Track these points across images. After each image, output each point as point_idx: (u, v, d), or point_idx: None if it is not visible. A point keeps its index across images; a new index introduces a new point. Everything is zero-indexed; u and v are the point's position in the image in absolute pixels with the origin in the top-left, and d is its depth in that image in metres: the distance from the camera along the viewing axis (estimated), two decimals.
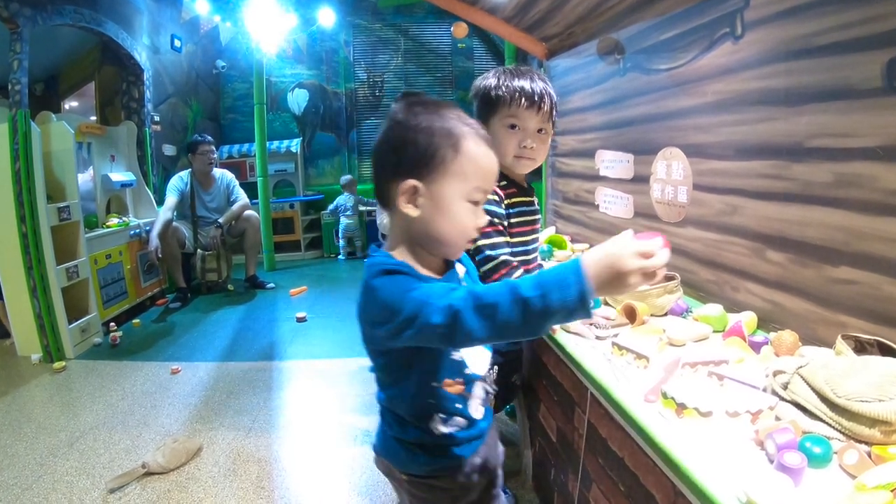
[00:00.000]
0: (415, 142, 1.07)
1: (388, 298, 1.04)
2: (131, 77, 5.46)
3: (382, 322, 1.04)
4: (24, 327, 3.76)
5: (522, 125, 1.74)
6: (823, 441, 0.98)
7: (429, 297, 1.00)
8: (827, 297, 1.47)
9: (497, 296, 0.95)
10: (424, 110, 1.10)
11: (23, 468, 2.49)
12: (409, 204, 1.09)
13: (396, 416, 1.23)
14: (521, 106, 1.71)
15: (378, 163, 1.14)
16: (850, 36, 1.35)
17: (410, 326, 1.00)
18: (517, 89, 1.71)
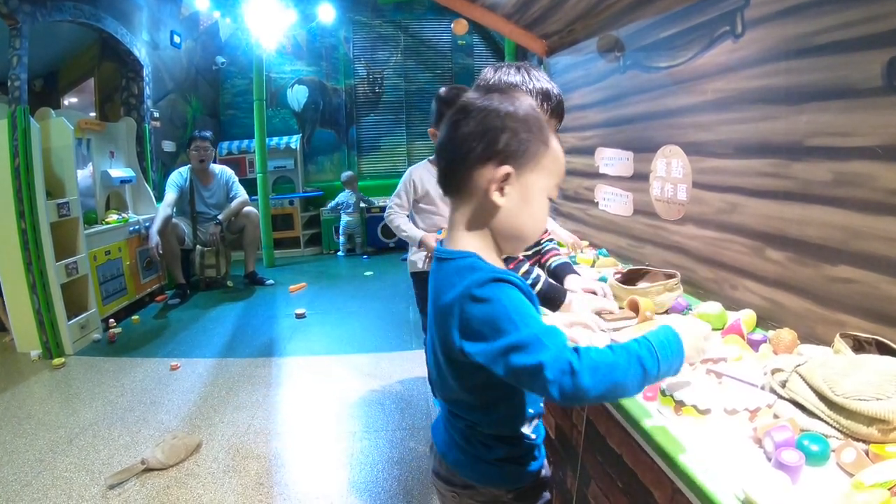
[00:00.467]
0: (513, 130, 1.01)
1: (498, 314, 0.94)
2: (131, 73, 5.45)
3: (482, 339, 0.94)
4: (24, 324, 3.76)
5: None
6: (821, 439, 0.99)
7: (546, 335, 0.92)
8: (826, 295, 1.48)
9: (614, 358, 0.92)
10: (507, 99, 1.04)
11: (22, 464, 2.49)
12: (498, 192, 1.02)
13: (482, 435, 1.12)
14: (543, 109, 1.63)
15: (460, 149, 1.03)
16: (851, 35, 1.35)
17: (515, 353, 0.91)
18: (540, 91, 1.63)
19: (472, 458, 1.14)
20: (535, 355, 0.90)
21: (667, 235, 2.21)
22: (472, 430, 1.13)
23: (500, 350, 0.92)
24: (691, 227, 2.04)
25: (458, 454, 1.16)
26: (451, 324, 0.98)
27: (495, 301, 0.94)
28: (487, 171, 1.01)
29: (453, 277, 1.00)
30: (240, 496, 2.26)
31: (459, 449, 1.15)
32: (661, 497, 1.10)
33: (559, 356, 0.89)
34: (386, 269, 6.11)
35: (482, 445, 1.12)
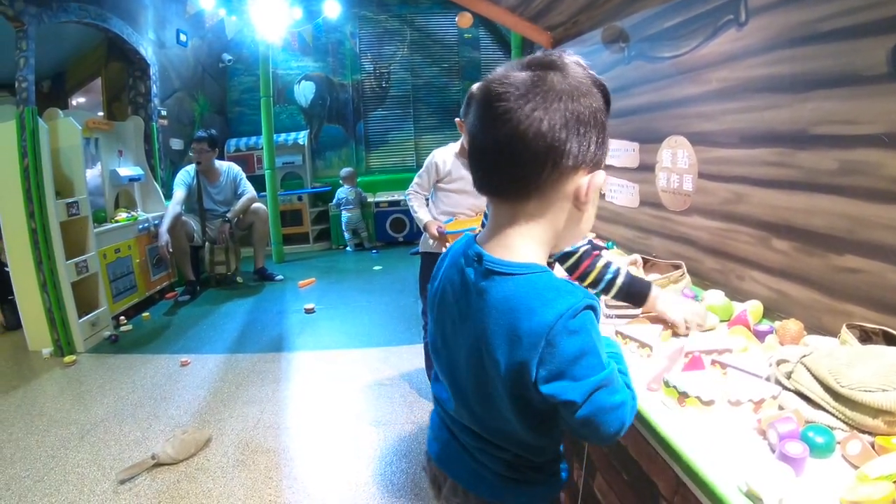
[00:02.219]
0: (598, 125, 0.85)
1: (589, 349, 0.82)
2: (137, 72, 5.47)
3: (571, 377, 0.80)
4: (35, 322, 3.79)
5: None
6: (826, 431, 0.98)
7: (613, 379, 0.84)
8: (832, 285, 1.46)
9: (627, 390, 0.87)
10: (582, 85, 0.85)
11: (34, 460, 2.51)
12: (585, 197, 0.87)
13: (532, 462, 1.00)
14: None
15: (538, 148, 0.82)
16: (855, 22, 1.34)
17: (601, 391, 0.82)
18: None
19: (515, 483, 1.00)
20: (618, 393, 0.83)
21: (673, 226, 2.20)
22: (519, 460, 0.99)
23: (590, 389, 0.81)
24: (697, 218, 2.03)
25: (497, 483, 1.00)
26: (532, 356, 0.80)
27: (585, 333, 0.81)
28: (578, 177, 0.85)
29: (533, 301, 0.82)
30: (249, 490, 2.27)
31: (499, 478, 1.00)
32: (665, 488, 1.10)
33: (630, 392, 0.86)
34: (395, 263, 6.11)
35: (531, 470, 1.01)
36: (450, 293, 0.95)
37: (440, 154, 2.76)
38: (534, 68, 0.85)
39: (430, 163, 2.75)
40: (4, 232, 3.75)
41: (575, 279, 1.56)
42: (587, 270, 1.57)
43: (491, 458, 0.99)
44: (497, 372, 0.86)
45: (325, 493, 2.24)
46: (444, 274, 0.99)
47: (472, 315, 0.89)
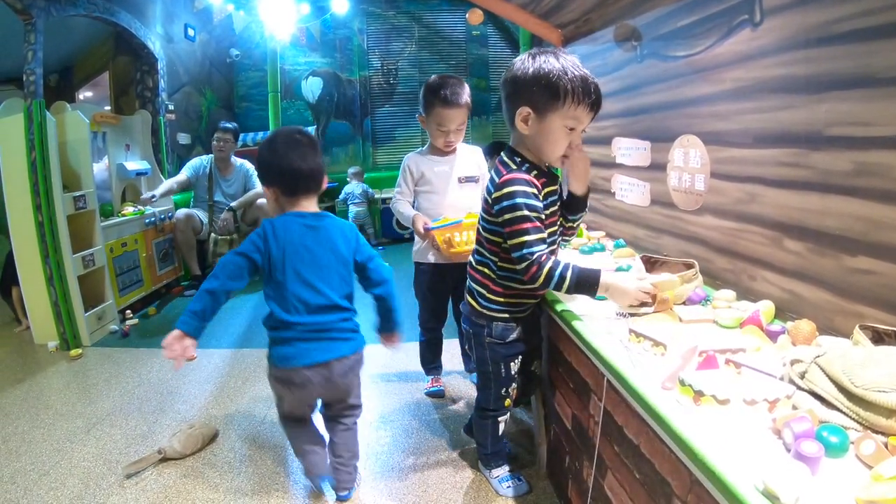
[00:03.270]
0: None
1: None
2: (145, 66, 5.48)
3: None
4: (41, 315, 3.81)
5: (579, 127, 1.69)
6: (840, 430, 0.98)
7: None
8: (845, 286, 1.46)
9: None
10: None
11: (40, 454, 2.52)
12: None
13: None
14: (586, 108, 1.64)
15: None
16: (872, 23, 1.33)
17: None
18: (585, 90, 1.61)
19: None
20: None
21: (684, 226, 2.19)
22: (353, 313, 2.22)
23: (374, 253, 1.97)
24: (709, 218, 2.02)
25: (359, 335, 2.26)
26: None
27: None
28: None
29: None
30: (256, 485, 2.27)
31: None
32: (679, 487, 1.10)
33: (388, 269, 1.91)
34: (400, 259, 6.09)
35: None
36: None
37: (411, 158, 2.75)
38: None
39: (404, 168, 2.75)
40: (11, 225, 3.75)
41: (527, 279, 1.68)
42: (536, 274, 1.65)
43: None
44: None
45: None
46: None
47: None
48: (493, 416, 2.08)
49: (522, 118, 1.68)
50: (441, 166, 2.69)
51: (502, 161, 1.78)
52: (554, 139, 1.68)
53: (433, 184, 2.70)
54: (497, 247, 1.81)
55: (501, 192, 1.68)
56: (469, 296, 1.98)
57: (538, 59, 1.63)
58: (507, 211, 1.66)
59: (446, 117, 2.54)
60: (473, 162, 2.76)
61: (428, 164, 2.70)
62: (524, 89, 1.65)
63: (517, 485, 2.13)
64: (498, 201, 1.69)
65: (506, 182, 1.67)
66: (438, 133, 2.60)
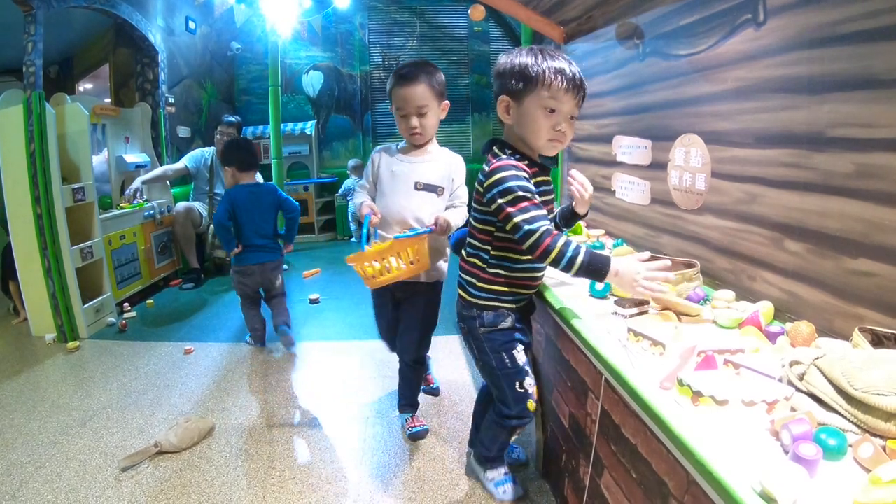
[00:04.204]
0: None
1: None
2: (146, 59, 5.47)
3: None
4: (39, 307, 3.80)
5: (559, 108, 1.66)
6: (838, 433, 0.98)
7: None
8: (845, 288, 1.46)
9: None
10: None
11: (36, 446, 2.52)
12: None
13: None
14: (561, 88, 1.63)
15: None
16: (875, 25, 1.32)
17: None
18: (558, 71, 1.63)
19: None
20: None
21: (684, 225, 2.19)
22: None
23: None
24: (709, 217, 2.02)
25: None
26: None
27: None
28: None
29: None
30: (252, 479, 2.27)
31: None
32: (676, 487, 1.10)
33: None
34: None
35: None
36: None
37: (377, 151, 2.48)
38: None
39: (370, 160, 2.49)
40: (10, 216, 3.74)
41: (536, 257, 1.61)
42: (548, 248, 1.58)
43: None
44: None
45: (328, 483, 2.24)
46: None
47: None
48: (514, 424, 1.93)
49: (504, 108, 1.73)
50: (401, 166, 2.38)
51: (492, 153, 1.78)
52: (535, 123, 1.68)
53: (384, 184, 2.40)
54: (489, 235, 1.78)
55: (491, 180, 1.66)
56: (460, 289, 1.93)
57: (515, 52, 1.70)
58: (499, 196, 1.64)
59: (402, 97, 2.26)
60: (444, 170, 2.40)
61: (390, 161, 2.42)
62: (502, 81, 1.72)
63: (514, 488, 2.10)
64: (489, 189, 1.67)
65: (495, 169, 1.67)
66: (399, 120, 2.32)
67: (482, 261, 1.82)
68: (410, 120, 2.28)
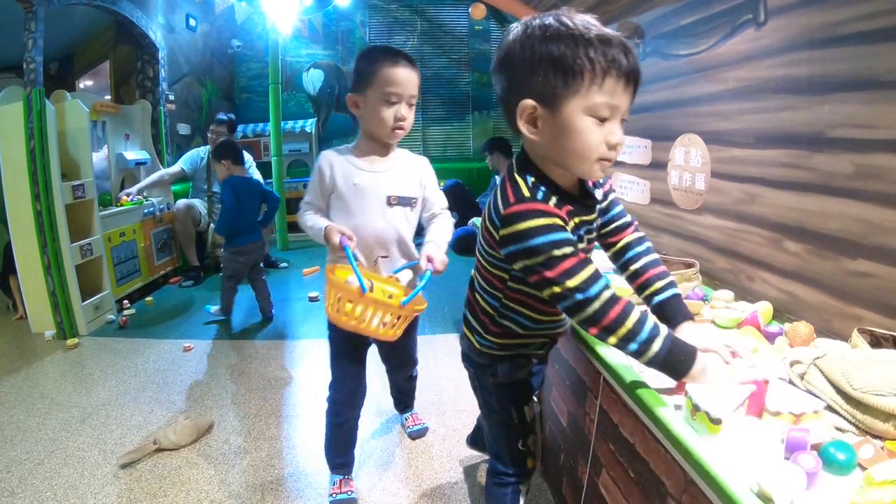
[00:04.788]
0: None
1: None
2: (146, 56, 5.46)
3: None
4: (38, 304, 3.80)
5: (614, 112, 1.15)
6: (848, 447, 0.94)
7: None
8: (843, 289, 1.46)
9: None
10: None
11: (35, 443, 2.52)
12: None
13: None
14: (619, 83, 1.12)
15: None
16: (875, 26, 1.33)
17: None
18: (613, 58, 1.09)
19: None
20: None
21: (684, 225, 2.19)
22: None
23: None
24: (709, 217, 2.02)
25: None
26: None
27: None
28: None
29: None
30: (251, 477, 2.27)
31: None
32: (673, 487, 1.10)
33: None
34: None
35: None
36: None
37: (326, 158, 1.94)
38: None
39: (317, 169, 1.95)
40: (9, 213, 3.74)
41: (592, 333, 1.16)
42: (613, 325, 1.14)
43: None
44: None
45: (327, 481, 2.24)
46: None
47: None
48: (514, 484, 1.60)
49: (527, 118, 1.17)
50: (365, 177, 1.89)
51: (511, 179, 1.23)
52: (582, 139, 1.13)
53: (347, 200, 1.90)
54: (501, 283, 1.34)
55: (509, 231, 1.17)
56: (466, 328, 1.52)
57: (535, 28, 1.14)
58: (522, 257, 1.17)
59: (397, 78, 1.79)
60: (415, 178, 1.99)
61: (349, 170, 1.90)
62: (522, 76, 1.16)
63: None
64: (507, 242, 1.18)
65: (513, 216, 1.16)
66: (383, 107, 1.81)
67: (491, 308, 1.40)
68: (400, 109, 1.83)
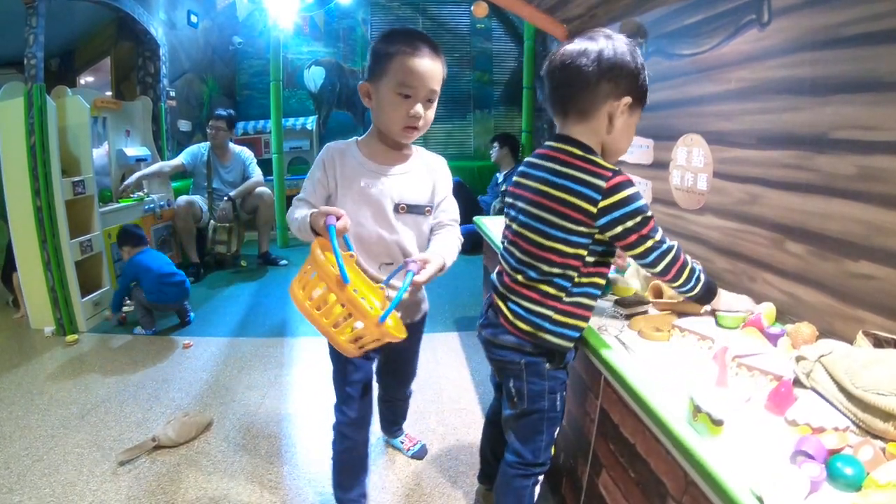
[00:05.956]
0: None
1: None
2: (147, 52, 5.45)
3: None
4: (38, 300, 3.79)
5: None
6: (856, 462, 0.93)
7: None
8: (845, 291, 1.46)
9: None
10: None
11: (34, 439, 2.51)
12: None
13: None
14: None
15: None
16: (880, 27, 1.32)
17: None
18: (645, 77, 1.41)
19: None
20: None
21: (685, 225, 2.18)
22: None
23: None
24: (711, 218, 2.02)
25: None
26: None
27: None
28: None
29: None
30: (250, 475, 2.27)
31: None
32: (674, 488, 1.10)
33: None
34: None
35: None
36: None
37: (331, 151, 1.73)
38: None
39: (319, 163, 1.73)
40: (9, 209, 3.74)
41: (670, 277, 1.45)
42: (684, 264, 1.45)
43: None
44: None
45: (326, 479, 2.23)
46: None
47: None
48: (537, 475, 1.59)
49: (620, 110, 1.38)
50: (373, 178, 1.68)
51: (590, 161, 1.37)
52: (631, 135, 1.47)
53: (349, 204, 1.66)
54: (579, 261, 1.39)
55: (614, 199, 1.32)
56: (521, 321, 1.46)
57: (625, 44, 1.39)
58: (628, 219, 1.32)
59: (417, 70, 1.56)
60: (429, 182, 1.76)
61: (355, 169, 1.69)
62: (627, 78, 1.37)
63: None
64: (609, 210, 1.32)
65: (617, 186, 1.32)
66: (396, 101, 1.59)
67: (559, 289, 1.43)
68: (415, 106, 1.59)
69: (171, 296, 3.86)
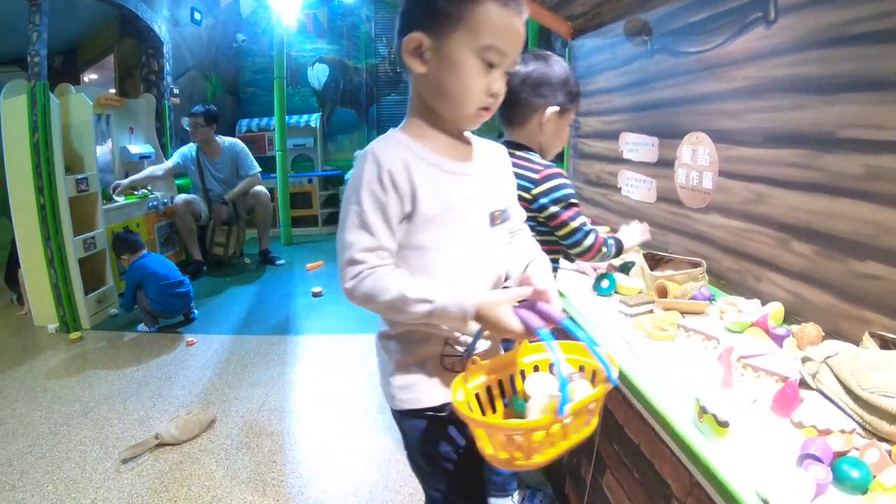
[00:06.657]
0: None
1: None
2: (151, 50, 5.46)
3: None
4: (41, 297, 3.80)
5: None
6: (862, 465, 0.91)
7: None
8: (852, 291, 1.44)
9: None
10: None
11: (37, 436, 2.52)
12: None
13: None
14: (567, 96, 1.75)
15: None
16: (886, 26, 1.31)
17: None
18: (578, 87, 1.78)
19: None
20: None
21: (690, 224, 2.17)
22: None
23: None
24: (716, 217, 2.01)
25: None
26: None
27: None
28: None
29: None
30: (252, 473, 2.27)
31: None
32: (678, 489, 1.09)
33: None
34: None
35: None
36: None
37: (389, 160, 1.05)
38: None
39: (378, 180, 1.05)
40: (13, 206, 3.74)
41: (590, 257, 1.74)
42: (601, 245, 1.74)
43: None
44: None
45: (329, 478, 2.24)
46: None
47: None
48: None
49: (548, 118, 1.73)
50: (455, 186, 1.11)
51: (527, 158, 1.72)
52: (564, 135, 1.82)
53: (440, 228, 1.10)
54: (556, 245, 1.74)
55: (544, 188, 1.66)
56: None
57: (551, 63, 1.74)
58: (553, 203, 1.66)
59: (511, 29, 1.03)
60: (500, 177, 1.25)
61: (434, 175, 1.08)
62: (551, 92, 1.71)
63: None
64: (539, 197, 1.67)
65: (547, 177, 1.67)
66: (478, 71, 1.04)
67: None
68: (497, 80, 1.06)
69: (177, 307, 3.88)
